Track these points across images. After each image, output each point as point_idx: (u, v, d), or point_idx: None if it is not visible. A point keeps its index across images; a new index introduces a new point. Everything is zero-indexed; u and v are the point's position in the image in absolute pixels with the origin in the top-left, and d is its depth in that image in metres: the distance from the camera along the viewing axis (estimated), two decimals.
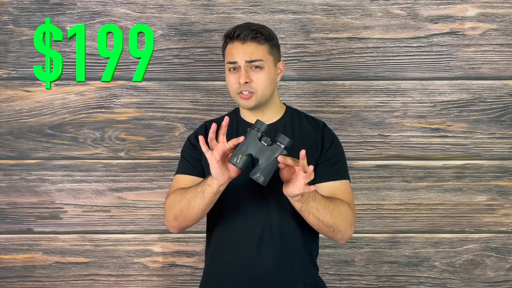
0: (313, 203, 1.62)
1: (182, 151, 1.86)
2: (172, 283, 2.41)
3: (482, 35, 2.29)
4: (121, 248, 2.39)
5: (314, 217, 1.64)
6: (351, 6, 2.28)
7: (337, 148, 1.81)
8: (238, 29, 1.73)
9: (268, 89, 1.73)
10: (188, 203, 1.67)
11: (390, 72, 2.31)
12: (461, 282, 2.40)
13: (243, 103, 1.74)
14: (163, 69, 2.31)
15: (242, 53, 1.71)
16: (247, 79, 1.70)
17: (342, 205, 1.70)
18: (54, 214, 2.37)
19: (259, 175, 1.52)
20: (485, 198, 2.36)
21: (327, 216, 1.65)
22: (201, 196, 1.63)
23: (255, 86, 1.71)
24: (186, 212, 1.69)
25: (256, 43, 1.72)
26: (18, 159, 2.34)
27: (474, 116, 2.32)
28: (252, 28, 1.73)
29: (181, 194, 1.71)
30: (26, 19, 2.29)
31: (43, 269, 2.40)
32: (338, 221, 1.68)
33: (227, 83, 1.76)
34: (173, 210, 1.73)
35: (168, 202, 1.76)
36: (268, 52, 1.74)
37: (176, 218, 1.73)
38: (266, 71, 1.72)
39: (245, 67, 1.71)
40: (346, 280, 2.40)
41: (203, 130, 1.83)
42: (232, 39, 1.74)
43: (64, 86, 2.32)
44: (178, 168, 1.84)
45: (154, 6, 2.29)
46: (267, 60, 1.73)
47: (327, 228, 1.68)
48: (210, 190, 1.61)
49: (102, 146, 2.34)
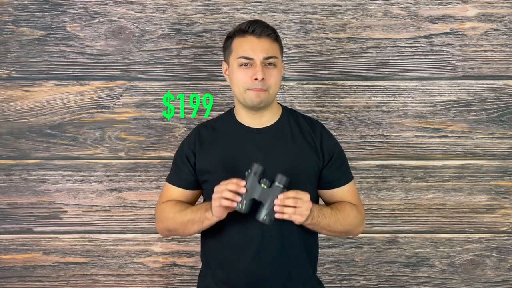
0: (323, 222, 1.67)
1: (175, 156, 1.84)
2: (172, 283, 2.41)
3: (482, 35, 2.29)
4: (121, 248, 2.39)
5: (326, 231, 1.71)
6: (351, 6, 2.28)
7: (339, 151, 1.81)
8: (253, 24, 1.69)
9: (277, 88, 1.72)
10: (183, 226, 1.72)
11: (390, 72, 2.31)
12: (461, 282, 2.40)
13: (253, 97, 1.68)
14: (163, 69, 2.31)
15: (259, 48, 1.67)
16: (263, 75, 1.66)
17: (351, 211, 1.75)
18: (54, 214, 2.37)
19: (265, 217, 1.58)
20: (485, 198, 2.36)
21: (338, 228, 1.71)
22: (199, 225, 1.69)
23: (269, 83, 1.68)
24: (181, 232, 1.75)
25: (270, 39, 1.70)
26: (18, 159, 2.34)
27: (474, 116, 2.32)
28: (266, 25, 1.71)
29: (174, 212, 1.74)
30: (26, 19, 2.29)
31: (43, 269, 2.40)
32: (348, 227, 1.74)
33: (235, 78, 1.70)
34: (165, 223, 1.77)
35: (160, 212, 1.79)
36: (279, 51, 1.73)
37: (169, 231, 1.79)
38: (278, 69, 1.71)
39: (261, 63, 1.67)
40: (346, 280, 2.40)
41: (197, 133, 1.81)
42: (245, 33, 1.69)
43: (64, 86, 2.32)
44: (169, 174, 1.84)
45: (154, 6, 2.29)
46: (279, 58, 1.72)
47: (339, 234, 1.75)
48: (209, 223, 1.67)
49: (102, 146, 2.34)
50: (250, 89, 1.68)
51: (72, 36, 2.29)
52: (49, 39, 2.29)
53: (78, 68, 2.30)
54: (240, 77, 1.68)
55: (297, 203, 1.56)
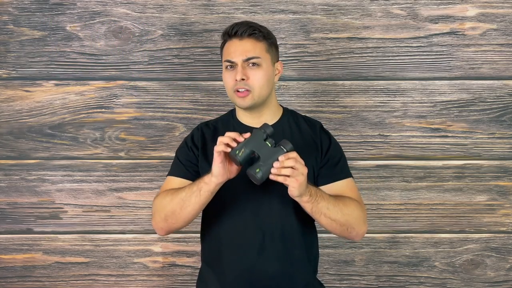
0: (322, 203, 1.61)
1: (177, 152, 1.83)
2: (172, 283, 2.41)
3: (482, 35, 2.29)
4: (121, 248, 2.39)
5: (325, 217, 1.63)
6: (351, 6, 2.28)
7: (336, 148, 1.80)
8: (236, 26, 1.71)
9: (265, 88, 1.71)
10: (181, 202, 1.64)
11: (390, 72, 2.31)
12: (461, 282, 2.40)
13: (239, 102, 1.71)
14: (163, 69, 2.31)
15: (240, 50, 1.69)
16: (243, 76, 1.67)
17: (351, 202, 1.71)
18: (54, 214, 2.37)
19: (258, 171, 1.53)
20: (485, 198, 2.36)
21: (338, 215, 1.64)
22: (197, 195, 1.62)
23: (252, 84, 1.68)
24: (178, 213, 1.66)
25: (253, 39, 1.71)
26: (18, 159, 2.34)
27: (474, 116, 2.32)
28: (250, 25, 1.72)
29: (172, 194, 1.68)
30: (26, 19, 2.29)
31: (43, 269, 2.40)
32: (349, 218, 1.68)
33: (224, 81, 1.74)
34: (163, 211, 1.69)
35: (157, 202, 1.72)
36: (266, 50, 1.72)
37: (166, 219, 1.69)
38: (263, 68, 1.70)
39: (242, 64, 1.69)
40: (346, 280, 2.40)
41: (199, 131, 1.81)
42: (230, 36, 1.72)
43: (64, 86, 2.32)
44: (171, 169, 1.81)
45: (154, 6, 2.29)
46: (265, 58, 1.71)
47: (340, 227, 1.67)
48: (207, 188, 1.60)
49: (102, 146, 2.34)
50: (236, 92, 1.70)
51: (72, 36, 2.29)
52: (49, 39, 2.29)
53: (78, 68, 2.30)
54: (226, 79, 1.72)
55: (296, 165, 1.52)
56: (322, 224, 1.67)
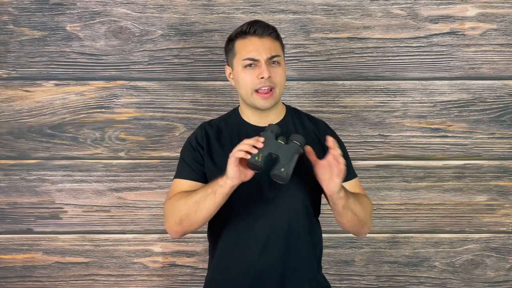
0: (352, 199, 1.65)
1: (182, 154, 1.81)
2: (172, 283, 2.41)
3: (482, 35, 2.29)
4: (121, 248, 2.39)
5: (352, 213, 1.66)
6: (351, 6, 2.28)
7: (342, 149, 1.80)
8: (254, 24, 1.70)
9: (283, 85, 1.72)
10: (196, 205, 1.63)
11: (390, 72, 2.31)
12: (461, 282, 2.40)
13: (260, 103, 1.69)
14: (163, 69, 2.31)
15: (262, 48, 1.68)
16: (270, 73, 1.66)
17: (365, 199, 1.76)
18: (54, 214, 2.37)
19: (283, 170, 1.53)
20: (485, 198, 2.36)
21: (360, 210, 1.68)
22: (212, 197, 1.61)
23: (275, 81, 1.68)
24: (193, 215, 1.65)
25: (272, 38, 1.71)
26: (18, 159, 2.34)
27: (474, 116, 2.32)
28: (266, 24, 1.72)
29: (186, 197, 1.67)
30: (26, 19, 2.29)
31: (43, 269, 2.40)
32: (367, 214, 1.73)
33: (241, 80, 1.70)
34: (177, 214, 1.68)
35: (169, 206, 1.71)
36: (281, 48, 1.74)
37: (180, 222, 1.68)
38: (282, 67, 1.72)
39: (265, 62, 1.67)
40: (346, 280, 2.40)
41: (203, 131, 1.80)
42: (246, 34, 1.70)
43: (64, 86, 2.32)
44: (177, 172, 1.79)
45: (154, 6, 2.29)
46: (282, 56, 1.73)
47: (359, 223, 1.70)
48: (222, 191, 1.59)
49: (102, 146, 2.34)
50: (258, 92, 1.68)
51: (72, 36, 2.29)
52: (49, 39, 2.29)
53: (78, 68, 2.30)
54: (246, 78, 1.69)
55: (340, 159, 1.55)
56: (343, 220, 1.69)
